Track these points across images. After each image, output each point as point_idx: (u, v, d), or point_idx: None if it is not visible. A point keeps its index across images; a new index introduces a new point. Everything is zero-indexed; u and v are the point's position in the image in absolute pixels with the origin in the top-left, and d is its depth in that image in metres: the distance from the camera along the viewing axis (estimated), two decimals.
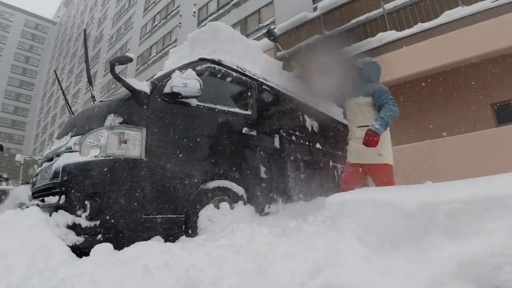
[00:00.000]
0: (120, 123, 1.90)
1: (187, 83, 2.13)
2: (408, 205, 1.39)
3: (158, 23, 20.01)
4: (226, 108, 2.58)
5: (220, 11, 14.93)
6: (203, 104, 2.38)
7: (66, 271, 1.24)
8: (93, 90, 2.93)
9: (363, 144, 2.58)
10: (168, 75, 2.25)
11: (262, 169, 2.71)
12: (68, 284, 1.13)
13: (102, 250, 1.47)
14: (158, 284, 1.21)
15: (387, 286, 1.22)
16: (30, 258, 1.45)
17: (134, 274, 1.22)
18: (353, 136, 2.94)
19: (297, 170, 3.20)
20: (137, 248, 1.44)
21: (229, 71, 2.76)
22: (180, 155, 2.10)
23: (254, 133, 2.71)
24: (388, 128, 2.80)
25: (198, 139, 2.24)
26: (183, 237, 1.99)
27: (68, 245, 1.66)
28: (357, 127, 2.86)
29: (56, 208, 1.85)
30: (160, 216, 1.90)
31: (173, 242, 1.82)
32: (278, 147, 2.97)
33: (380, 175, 2.79)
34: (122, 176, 1.81)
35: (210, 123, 2.38)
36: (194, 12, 16.58)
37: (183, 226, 2.04)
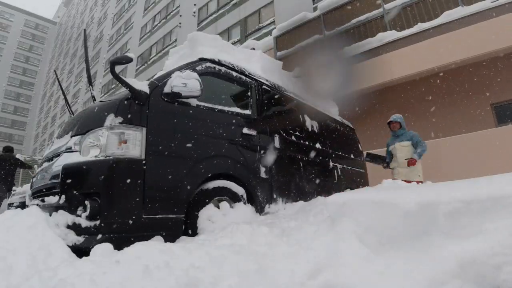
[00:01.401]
0: (120, 123, 1.89)
1: (187, 83, 2.13)
2: (408, 205, 1.39)
3: (158, 23, 20.00)
4: (226, 108, 2.58)
5: (220, 11, 14.93)
6: (203, 104, 2.38)
7: (66, 271, 1.24)
8: (93, 90, 2.93)
9: (409, 165, 4.35)
10: (168, 75, 2.25)
11: (262, 169, 2.71)
12: (68, 284, 1.13)
13: (102, 250, 1.47)
14: (158, 284, 1.21)
15: (387, 286, 1.22)
16: (30, 258, 1.45)
17: (134, 274, 1.22)
18: (402, 164, 4.47)
19: (297, 170, 3.20)
20: (137, 248, 1.43)
21: (229, 71, 2.76)
22: (180, 155, 2.10)
23: (254, 133, 2.71)
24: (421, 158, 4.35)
25: (198, 139, 2.24)
26: (183, 237, 1.98)
27: (68, 245, 1.66)
28: (405, 159, 4.44)
29: (56, 208, 1.85)
30: (160, 216, 1.89)
31: (173, 242, 1.82)
32: (278, 147, 2.97)
33: None
34: (122, 176, 1.81)
35: (210, 123, 2.38)
36: (194, 12, 16.57)
37: (183, 226, 2.04)
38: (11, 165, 6.13)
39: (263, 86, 3.11)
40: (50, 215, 1.82)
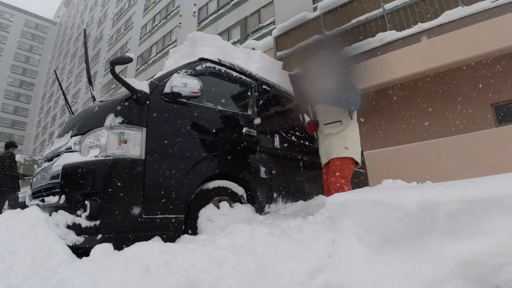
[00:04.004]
0: (120, 123, 1.90)
1: (187, 83, 2.13)
2: (408, 205, 1.38)
3: (158, 23, 20.00)
4: (226, 108, 2.58)
5: (220, 11, 14.93)
6: (203, 104, 2.38)
7: (66, 271, 1.25)
8: (93, 90, 2.93)
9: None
10: (168, 75, 2.25)
11: (262, 169, 2.71)
12: (68, 284, 1.13)
13: (102, 250, 1.47)
14: (158, 284, 1.21)
15: (387, 286, 1.22)
16: (30, 258, 1.45)
17: (134, 274, 1.23)
18: (321, 136, 2.90)
19: (297, 170, 3.20)
20: (137, 248, 1.44)
21: (229, 71, 2.76)
22: (180, 155, 2.10)
23: (254, 133, 2.71)
24: (356, 123, 2.84)
25: (198, 139, 2.24)
26: (183, 237, 1.98)
27: (68, 245, 1.66)
28: (324, 124, 2.86)
29: (56, 208, 1.85)
30: (160, 216, 1.90)
31: (173, 242, 1.82)
32: (278, 147, 2.97)
33: (332, 167, 2.69)
34: (122, 176, 1.81)
35: (210, 123, 2.38)
36: (194, 12, 16.57)
37: (183, 226, 2.04)
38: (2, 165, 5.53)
39: (263, 86, 3.11)
40: (50, 215, 1.82)
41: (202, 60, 2.60)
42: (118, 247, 1.52)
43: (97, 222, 1.71)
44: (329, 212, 1.75)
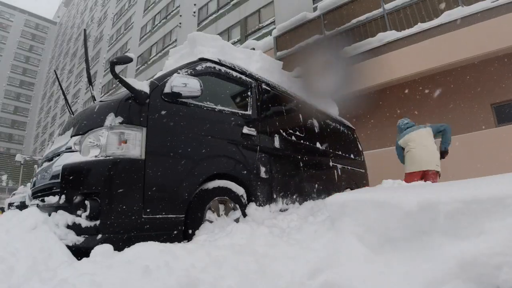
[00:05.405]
0: (120, 123, 1.89)
1: (187, 83, 2.13)
2: (408, 205, 1.38)
3: (158, 23, 19.99)
4: (226, 108, 2.58)
5: (220, 11, 14.92)
6: (203, 104, 2.38)
7: (66, 272, 1.25)
8: (93, 90, 2.93)
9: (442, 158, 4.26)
10: (168, 75, 2.25)
11: (262, 169, 2.71)
12: (69, 284, 1.13)
13: (102, 251, 1.47)
14: (159, 284, 1.21)
15: (387, 286, 1.22)
16: (31, 259, 1.45)
17: (134, 275, 1.23)
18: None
19: (297, 170, 3.20)
20: (138, 249, 1.44)
21: (229, 70, 2.76)
22: (180, 155, 2.10)
23: (254, 133, 2.71)
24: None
25: (198, 139, 2.24)
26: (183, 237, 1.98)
27: (68, 245, 1.66)
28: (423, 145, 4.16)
29: (56, 208, 1.85)
30: (160, 216, 1.89)
31: (173, 242, 1.82)
32: (278, 147, 2.97)
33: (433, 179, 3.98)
34: (122, 176, 1.81)
35: (210, 123, 2.38)
36: (194, 12, 16.56)
37: (183, 226, 2.04)
38: None
39: (263, 86, 3.11)
40: (50, 215, 1.82)
41: (202, 60, 2.60)
42: (118, 247, 1.52)
43: (97, 222, 1.71)
44: (329, 212, 1.75)
